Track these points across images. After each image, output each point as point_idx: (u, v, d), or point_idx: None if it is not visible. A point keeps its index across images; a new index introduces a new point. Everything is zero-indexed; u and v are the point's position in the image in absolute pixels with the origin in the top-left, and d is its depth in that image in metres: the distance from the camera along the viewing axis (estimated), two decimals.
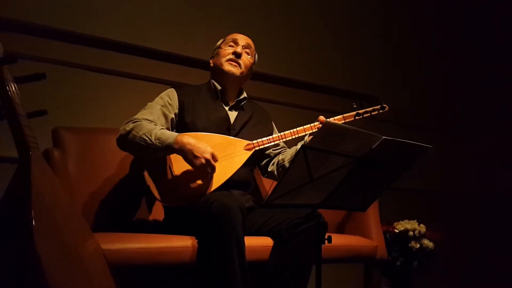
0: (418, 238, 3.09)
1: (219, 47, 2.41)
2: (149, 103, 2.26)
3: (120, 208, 2.34)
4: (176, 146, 2.05)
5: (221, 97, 2.37)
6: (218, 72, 2.38)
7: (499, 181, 4.59)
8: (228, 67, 2.34)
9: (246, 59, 2.38)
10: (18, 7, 2.51)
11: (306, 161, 1.68)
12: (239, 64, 2.35)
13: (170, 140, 2.05)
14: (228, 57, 2.35)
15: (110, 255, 1.77)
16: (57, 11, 2.62)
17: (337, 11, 3.85)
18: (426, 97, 4.38)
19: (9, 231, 1.48)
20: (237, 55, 2.35)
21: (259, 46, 2.50)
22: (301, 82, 3.58)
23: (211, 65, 2.43)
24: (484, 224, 4.32)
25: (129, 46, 2.83)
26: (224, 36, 2.47)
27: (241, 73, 2.36)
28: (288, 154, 2.37)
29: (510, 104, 4.60)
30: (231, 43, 2.38)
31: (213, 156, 2.05)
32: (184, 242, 1.94)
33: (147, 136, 2.06)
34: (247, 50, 2.39)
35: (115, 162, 2.35)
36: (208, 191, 2.10)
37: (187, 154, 2.05)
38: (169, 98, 2.28)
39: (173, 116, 2.26)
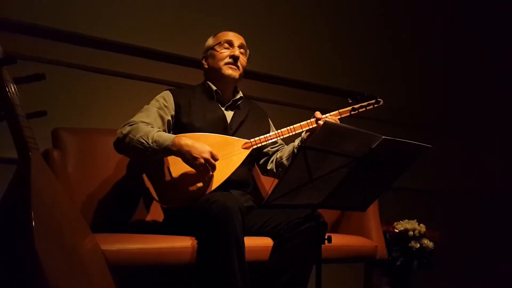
0: (418, 238, 3.09)
1: (213, 48, 2.37)
2: (145, 106, 2.26)
3: (120, 208, 2.34)
4: (174, 148, 2.05)
5: (217, 98, 2.37)
6: (215, 75, 2.37)
7: (499, 181, 4.60)
8: (228, 71, 2.33)
9: (243, 59, 2.38)
10: (17, 7, 2.51)
11: (306, 161, 1.68)
12: (238, 67, 2.35)
13: (168, 142, 2.05)
14: (226, 61, 2.34)
15: (109, 255, 1.76)
16: (56, 11, 2.62)
17: (335, 9, 3.85)
18: (426, 97, 4.38)
19: (9, 231, 1.48)
20: (236, 59, 2.34)
21: (257, 45, 2.50)
22: (299, 81, 3.58)
23: (206, 66, 2.41)
24: (484, 224, 4.32)
25: (129, 47, 2.83)
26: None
27: (240, 74, 2.37)
28: (285, 151, 2.37)
29: (510, 104, 4.60)
30: (226, 45, 2.36)
31: (212, 155, 2.05)
32: (184, 243, 1.94)
33: (144, 139, 2.05)
34: (242, 50, 2.38)
35: (114, 162, 2.35)
36: (207, 192, 2.10)
37: (186, 156, 2.04)
38: (165, 100, 2.28)
39: (170, 118, 2.26)
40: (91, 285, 1.58)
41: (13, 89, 1.61)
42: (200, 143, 2.06)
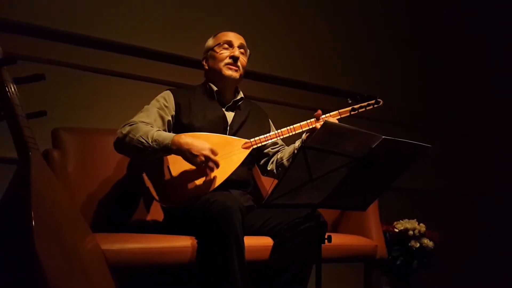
0: (418, 237, 3.09)
1: (213, 49, 2.37)
2: (146, 106, 2.26)
3: (120, 208, 2.34)
4: (173, 147, 2.05)
5: (217, 98, 2.36)
6: (216, 76, 2.36)
7: (499, 181, 4.59)
8: (228, 72, 2.33)
9: (243, 60, 2.38)
10: (17, 8, 2.51)
11: (306, 161, 1.69)
12: (238, 67, 2.35)
13: (167, 141, 2.05)
14: (226, 61, 2.33)
15: (110, 255, 1.77)
16: (56, 12, 2.62)
17: (335, 10, 3.85)
18: (426, 97, 4.38)
19: (9, 231, 1.48)
20: (236, 59, 2.34)
21: (257, 45, 2.50)
22: (299, 81, 3.58)
23: (206, 67, 2.40)
24: (484, 223, 4.33)
25: (128, 47, 2.83)
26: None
27: (240, 75, 2.37)
28: (286, 153, 2.37)
29: (510, 104, 4.60)
30: (226, 45, 2.35)
31: (213, 151, 2.05)
32: (184, 242, 1.94)
33: (143, 139, 2.06)
34: (242, 50, 2.38)
35: (114, 162, 2.35)
36: (207, 191, 2.10)
37: (186, 154, 2.04)
38: (165, 100, 2.28)
39: (170, 118, 2.26)
40: (91, 285, 1.59)
41: (13, 89, 1.61)
42: (200, 140, 2.06)
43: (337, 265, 2.57)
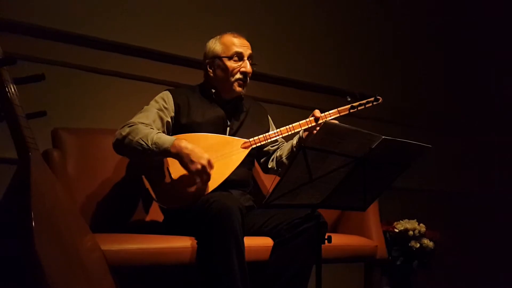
0: (418, 237, 3.09)
1: (221, 59, 2.29)
2: (145, 107, 2.25)
3: (119, 209, 2.34)
4: (173, 150, 2.04)
5: (216, 99, 2.34)
6: (223, 87, 2.31)
7: (499, 181, 4.60)
8: (238, 88, 2.29)
9: (251, 70, 2.32)
10: (17, 8, 2.51)
11: (306, 161, 1.69)
12: (247, 81, 2.32)
13: (167, 144, 2.05)
14: (237, 77, 2.28)
15: (109, 255, 1.77)
16: (56, 12, 2.62)
17: (335, 10, 3.85)
18: (425, 97, 4.38)
19: (9, 231, 1.48)
20: (246, 75, 2.30)
21: (257, 46, 2.49)
22: (300, 81, 3.58)
23: (211, 75, 2.32)
24: (484, 224, 4.33)
25: (128, 47, 2.83)
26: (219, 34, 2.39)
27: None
28: (285, 150, 2.37)
29: (510, 104, 4.60)
30: (236, 58, 2.28)
31: (209, 163, 2.04)
32: (184, 243, 1.94)
33: (143, 141, 2.05)
34: (251, 61, 2.32)
35: (114, 163, 2.35)
36: (207, 192, 2.10)
37: (184, 158, 2.03)
38: (165, 101, 2.27)
39: (169, 119, 2.25)
40: (91, 285, 1.59)
41: (12, 90, 1.61)
42: (200, 149, 2.05)
43: (337, 265, 2.57)
